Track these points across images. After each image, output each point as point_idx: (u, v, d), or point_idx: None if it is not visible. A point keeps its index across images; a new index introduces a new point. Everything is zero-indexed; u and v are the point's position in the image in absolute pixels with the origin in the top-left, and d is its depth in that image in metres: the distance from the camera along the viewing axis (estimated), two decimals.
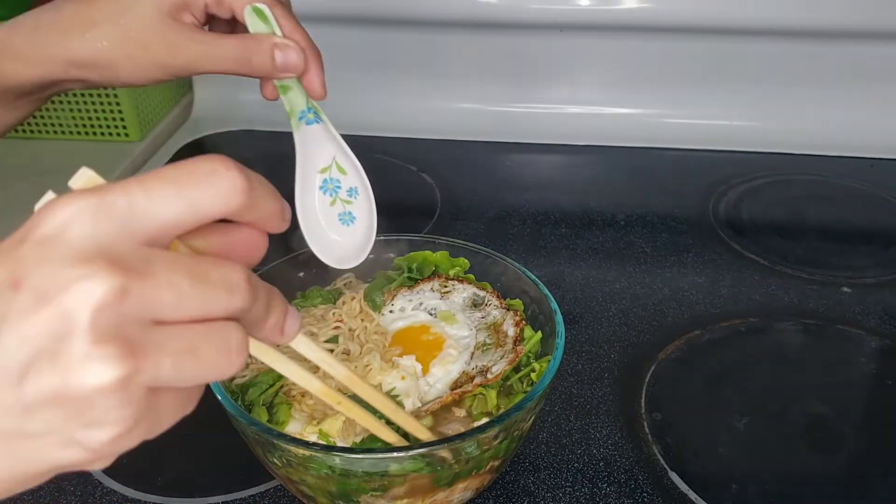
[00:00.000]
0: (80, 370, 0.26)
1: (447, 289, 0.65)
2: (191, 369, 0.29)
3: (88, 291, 0.26)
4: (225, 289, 0.30)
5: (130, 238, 0.28)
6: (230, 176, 0.30)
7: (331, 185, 0.56)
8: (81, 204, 0.27)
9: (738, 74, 1.09)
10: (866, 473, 0.64)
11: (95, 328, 0.26)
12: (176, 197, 0.29)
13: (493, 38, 1.10)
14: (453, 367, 0.59)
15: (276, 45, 0.51)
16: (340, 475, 0.50)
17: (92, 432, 0.28)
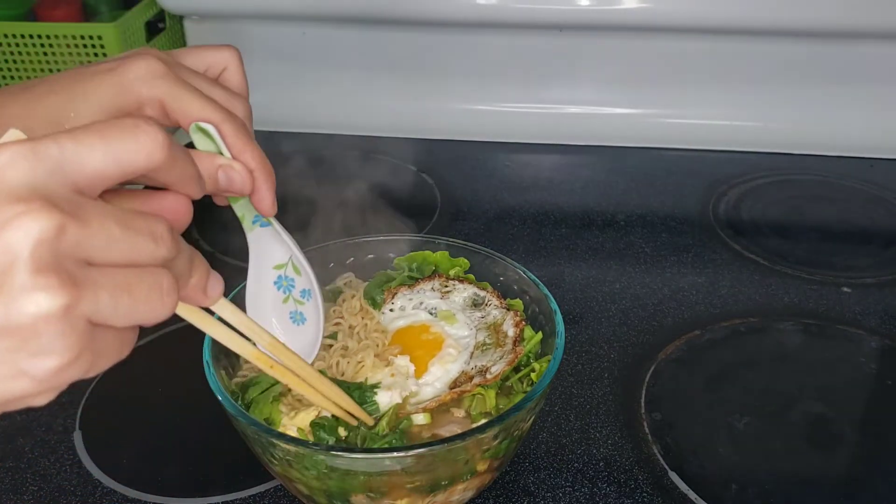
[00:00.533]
0: (23, 299, 0.28)
1: (448, 288, 0.65)
2: (126, 305, 0.31)
3: (28, 226, 0.28)
4: (150, 237, 0.32)
5: (63, 183, 0.30)
6: (152, 132, 0.32)
7: (286, 282, 0.56)
8: (15, 149, 0.29)
9: (738, 74, 1.09)
10: (866, 473, 0.64)
11: (36, 260, 0.28)
12: (102, 147, 0.31)
13: (493, 38, 1.10)
14: (452, 367, 0.59)
15: (220, 165, 0.48)
16: (339, 474, 0.50)
17: (38, 361, 0.29)
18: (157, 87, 0.48)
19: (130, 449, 0.65)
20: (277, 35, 1.13)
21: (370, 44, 1.12)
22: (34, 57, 1.03)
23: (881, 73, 1.07)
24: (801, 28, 1.03)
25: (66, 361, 0.29)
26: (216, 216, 0.96)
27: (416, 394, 0.57)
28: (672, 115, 1.13)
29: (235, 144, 0.49)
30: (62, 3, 1.09)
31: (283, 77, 1.14)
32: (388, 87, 1.15)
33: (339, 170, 1.10)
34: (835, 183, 1.04)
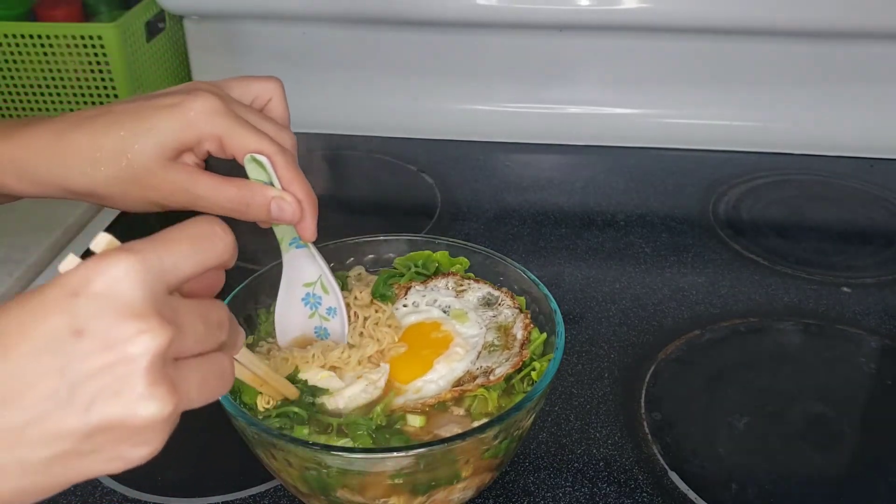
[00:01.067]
0: (140, 406, 0.32)
1: (463, 287, 0.65)
2: (204, 395, 0.36)
3: (147, 342, 0.32)
4: (219, 328, 0.37)
5: (164, 291, 0.34)
6: (227, 239, 0.37)
7: (313, 299, 0.60)
8: (126, 264, 0.33)
9: (738, 74, 1.09)
10: (866, 473, 0.64)
11: (151, 371, 0.32)
12: (192, 255, 0.35)
13: (493, 38, 1.10)
14: (458, 366, 0.59)
15: (273, 197, 0.52)
16: (338, 473, 0.50)
17: (136, 450, 0.34)
18: (217, 125, 0.51)
19: None
20: (277, 35, 1.13)
21: (370, 44, 1.12)
22: (34, 57, 1.03)
23: (881, 73, 1.07)
24: (801, 28, 1.03)
25: (156, 449, 0.34)
26: None
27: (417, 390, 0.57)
28: (672, 115, 1.13)
29: (285, 176, 0.52)
30: (62, 3, 1.09)
31: (283, 77, 1.13)
32: (388, 87, 1.15)
33: (339, 170, 1.11)
34: (835, 183, 1.04)
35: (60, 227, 0.92)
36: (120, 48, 1.02)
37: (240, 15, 1.11)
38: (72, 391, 0.32)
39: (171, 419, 0.34)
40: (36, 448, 0.32)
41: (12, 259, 0.87)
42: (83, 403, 0.32)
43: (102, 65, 1.03)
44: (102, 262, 0.33)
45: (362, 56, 1.13)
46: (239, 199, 0.52)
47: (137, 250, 0.34)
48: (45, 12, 1.08)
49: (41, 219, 0.93)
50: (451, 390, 0.57)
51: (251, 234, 0.56)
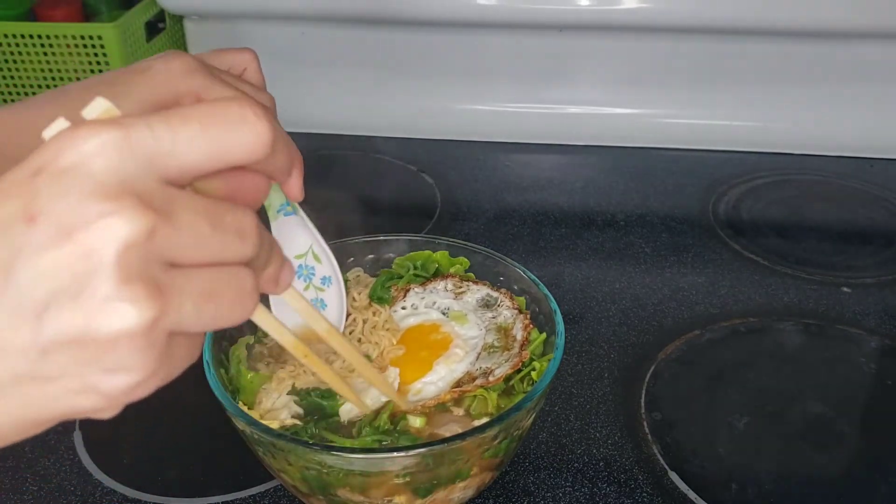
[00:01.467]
0: (105, 311, 0.25)
1: (461, 289, 0.65)
2: (210, 313, 0.28)
3: (116, 228, 0.25)
4: (238, 234, 0.29)
5: (154, 176, 0.27)
6: (260, 127, 0.29)
7: (305, 271, 0.58)
8: (105, 136, 0.26)
9: (738, 74, 1.09)
10: (866, 473, 0.64)
11: (122, 267, 0.25)
12: (201, 140, 0.28)
13: (493, 38, 1.10)
14: (458, 367, 0.59)
15: None
16: (338, 473, 0.50)
17: (111, 378, 0.27)
18: (194, 81, 0.49)
19: (130, 449, 0.65)
20: (277, 35, 1.13)
21: (370, 44, 1.12)
22: (34, 57, 1.03)
23: (881, 73, 1.07)
24: (801, 28, 1.03)
25: (140, 379, 0.27)
26: None
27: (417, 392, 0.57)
28: (672, 115, 1.13)
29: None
30: (62, 3, 1.09)
31: (283, 77, 1.13)
32: (388, 87, 1.15)
33: (339, 170, 1.11)
34: (835, 183, 1.04)
35: None
36: (120, 48, 1.02)
37: (240, 15, 1.11)
38: (20, 293, 0.25)
39: (155, 337, 0.26)
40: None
41: None
42: (34, 308, 0.25)
43: (102, 65, 1.03)
44: (77, 134, 0.26)
45: (362, 56, 1.13)
46: None
47: (125, 123, 0.27)
48: (45, 12, 1.08)
49: None
50: (450, 391, 0.57)
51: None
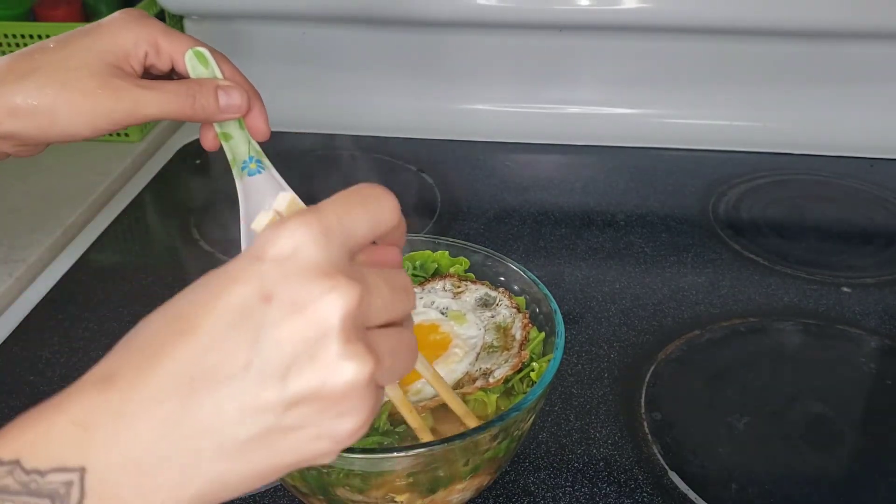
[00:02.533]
0: (337, 368, 0.30)
1: (460, 289, 0.65)
2: (398, 367, 0.34)
3: (337, 300, 0.30)
4: (406, 294, 0.35)
5: (346, 254, 0.33)
6: (391, 199, 0.35)
7: None
8: (308, 227, 0.31)
9: (738, 74, 1.09)
10: (866, 473, 0.64)
11: (345, 331, 0.30)
12: (366, 217, 0.34)
13: (493, 38, 1.10)
14: (457, 367, 0.59)
15: (218, 86, 0.52)
16: (338, 473, 0.50)
17: (341, 423, 0.31)
18: (151, 26, 0.52)
19: None
20: (277, 35, 1.13)
21: (370, 44, 1.12)
22: None
23: (881, 73, 1.07)
24: (801, 28, 1.03)
25: (362, 423, 0.32)
26: (216, 216, 0.96)
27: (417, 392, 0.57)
28: (672, 115, 1.13)
29: (227, 69, 0.53)
30: (62, 3, 1.09)
31: (283, 77, 1.14)
32: (388, 87, 1.15)
33: (339, 170, 1.11)
34: (835, 183, 1.04)
35: (60, 227, 0.92)
36: None
37: (240, 15, 1.11)
38: (266, 361, 0.30)
39: (372, 385, 0.32)
40: (234, 427, 0.30)
41: (12, 259, 0.87)
42: (279, 372, 0.30)
43: None
44: (285, 226, 0.31)
45: (362, 56, 1.13)
46: (185, 90, 0.51)
47: (318, 212, 0.32)
48: (45, 12, 1.08)
49: (41, 219, 0.93)
50: (466, 385, 0.57)
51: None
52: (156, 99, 0.50)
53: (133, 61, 0.52)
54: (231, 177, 0.55)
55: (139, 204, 1.00)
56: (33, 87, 0.49)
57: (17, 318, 0.80)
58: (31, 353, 0.76)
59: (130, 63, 0.51)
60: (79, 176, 1.02)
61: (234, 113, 0.52)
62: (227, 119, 0.53)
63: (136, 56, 0.51)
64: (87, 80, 0.49)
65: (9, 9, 1.06)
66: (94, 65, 0.50)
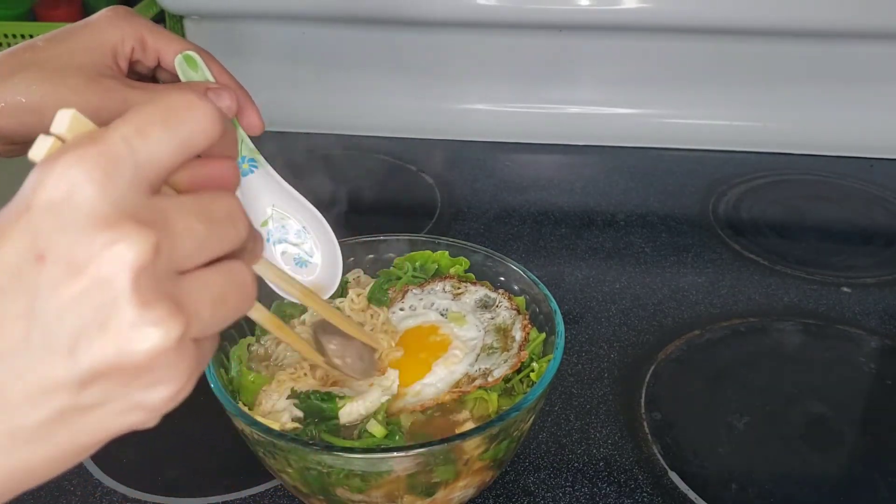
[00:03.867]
0: (134, 336, 0.26)
1: (460, 290, 0.65)
2: (223, 313, 0.30)
3: (122, 254, 0.26)
4: (231, 223, 0.30)
5: (138, 188, 0.27)
6: (206, 107, 0.30)
7: (276, 234, 0.56)
8: (84, 162, 0.26)
9: (738, 74, 1.09)
10: (866, 473, 0.64)
11: (138, 291, 0.26)
12: (168, 137, 0.28)
13: (493, 38, 1.10)
14: (457, 368, 0.59)
15: (209, 88, 0.50)
16: (338, 473, 0.50)
17: (153, 393, 0.28)
18: (138, 23, 0.51)
19: (130, 449, 0.65)
20: (277, 35, 1.13)
21: (370, 44, 1.12)
22: None
23: (881, 73, 1.07)
24: (801, 28, 1.03)
25: (178, 388, 0.29)
26: None
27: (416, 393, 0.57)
28: (672, 115, 1.13)
29: (215, 69, 0.52)
30: (62, 3, 1.09)
31: (283, 77, 1.14)
32: (388, 87, 1.15)
33: (339, 169, 1.11)
34: (835, 183, 1.04)
35: None
36: None
37: (240, 15, 1.11)
38: (47, 332, 0.26)
39: (186, 345, 0.28)
40: (24, 410, 0.26)
41: None
42: (65, 345, 0.26)
43: None
44: (57, 163, 0.26)
45: (362, 56, 1.13)
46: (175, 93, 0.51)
47: (98, 140, 0.27)
48: (45, 12, 1.08)
49: None
50: (449, 392, 0.57)
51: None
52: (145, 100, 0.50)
53: (119, 58, 0.51)
54: None
55: None
56: (22, 84, 0.48)
57: None
58: None
59: (117, 60, 0.51)
60: None
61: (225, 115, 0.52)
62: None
63: (123, 52, 0.51)
64: (76, 76, 0.49)
65: (9, 9, 1.06)
66: (82, 62, 0.49)
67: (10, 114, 0.48)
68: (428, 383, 0.58)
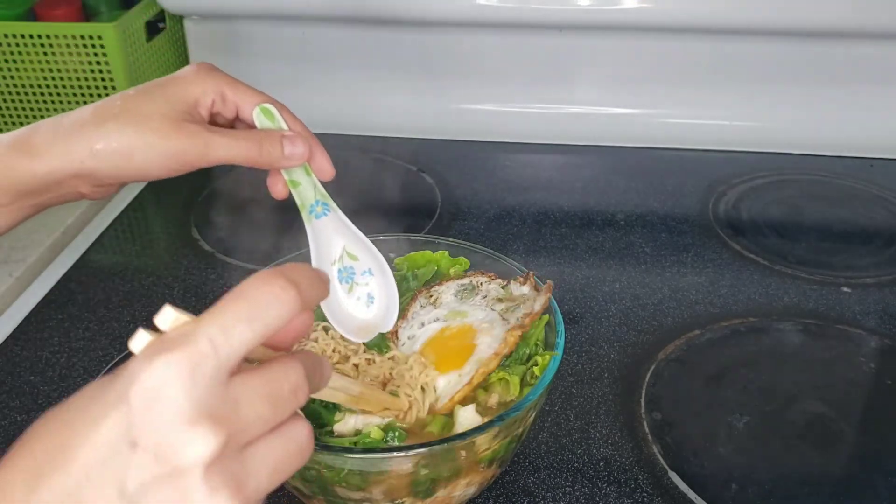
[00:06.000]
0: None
1: (433, 296, 0.65)
2: (279, 477, 0.34)
3: (198, 452, 0.31)
4: (294, 397, 0.35)
5: (219, 380, 0.32)
6: (287, 297, 0.34)
7: (345, 273, 0.60)
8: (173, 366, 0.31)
9: (738, 74, 1.09)
10: (866, 473, 0.64)
11: (208, 480, 0.31)
12: (251, 331, 0.33)
13: (494, 38, 1.10)
14: (497, 331, 0.59)
15: (283, 135, 0.55)
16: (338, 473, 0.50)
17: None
18: (219, 78, 0.56)
19: None
20: (277, 35, 1.13)
21: (370, 44, 1.12)
22: (34, 57, 1.03)
23: (881, 73, 1.07)
24: (801, 28, 1.03)
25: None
26: (216, 216, 0.96)
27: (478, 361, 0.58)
28: (672, 115, 1.13)
29: (288, 119, 0.57)
30: (62, 3, 1.09)
31: (283, 77, 1.14)
32: (388, 87, 1.15)
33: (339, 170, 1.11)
34: (835, 183, 1.04)
35: (60, 227, 0.92)
36: (120, 48, 1.02)
37: (240, 15, 1.11)
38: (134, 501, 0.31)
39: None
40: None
41: (12, 259, 0.87)
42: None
43: (102, 65, 1.03)
44: (153, 363, 0.31)
45: (362, 56, 1.13)
46: (254, 138, 0.55)
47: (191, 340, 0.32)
48: (45, 12, 1.08)
49: (41, 219, 0.92)
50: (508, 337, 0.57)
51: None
52: (226, 143, 0.54)
53: (202, 108, 0.55)
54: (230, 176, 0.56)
55: (139, 204, 1.00)
56: (114, 129, 0.53)
57: (18, 318, 0.80)
58: (31, 353, 0.76)
59: (199, 110, 0.55)
60: None
61: (298, 160, 0.56)
62: (291, 166, 0.57)
63: (205, 104, 0.55)
64: (163, 123, 0.53)
65: (9, 9, 1.06)
66: (169, 110, 0.53)
67: (103, 157, 0.53)
68: (483, 350, 0.58)
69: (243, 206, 0.96)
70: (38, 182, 0.54)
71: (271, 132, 0.56)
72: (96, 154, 0.53)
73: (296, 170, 0.58)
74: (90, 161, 0.53)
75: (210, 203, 0.99)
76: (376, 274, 0.60)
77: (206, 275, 0.86)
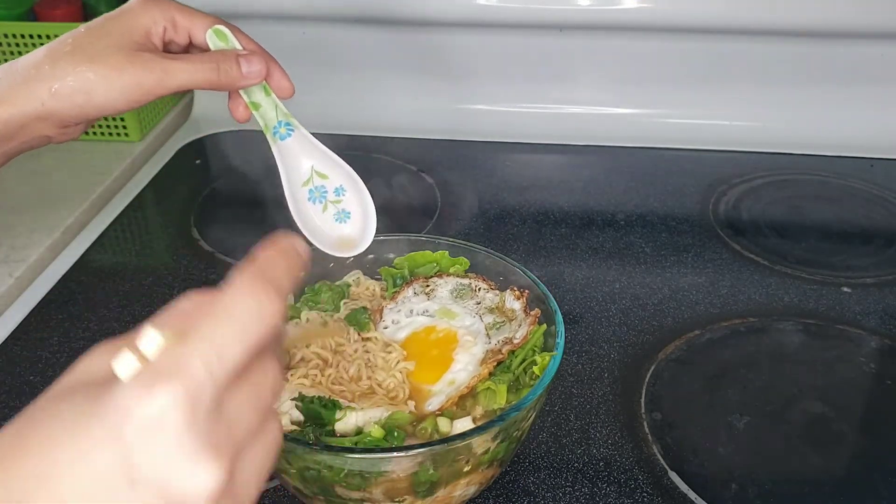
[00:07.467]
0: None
1: (429, 287, 0.65)
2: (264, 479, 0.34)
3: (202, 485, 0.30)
4: (274, 395, 0.34)
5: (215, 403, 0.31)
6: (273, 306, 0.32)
7: (317, 193, 0.59)
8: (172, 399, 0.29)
9: (738, 74, 1.09)
10: (866, 473, 0.64)
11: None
12: (242, 350, 0.32)
13: (494, 38, 1.10)
14: (476, 350, 0.59)
15: (239, 55, 0.56)
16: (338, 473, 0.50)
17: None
18: (167, 5, 0.56)
19: None
20: (277, 35, 1.12)
21: (370, 44, 1.12)
22: None
23: (881, 73, 1.07)
24: (801, 28, 1.03)
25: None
26: (216, 216, 0.96)
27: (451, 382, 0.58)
28: (672, 115, 1.13)
29: (242, 39, 0.58)
30: (62, 3, 1.09)
31: None
32: (388, 87, 1.15)
33: None
34: (835, 183, 1.04)
35: (60, 227, 0.92)
36: None
37: (240, 15, 1.11)
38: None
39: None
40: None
41: (12, 259, 0.87)
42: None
43: None
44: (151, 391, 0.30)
45: (362, 56, 1.13)
46: (209, 60, 0.55)
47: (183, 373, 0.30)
48: (45, 12, 1.08)
49: (41, 219, 0.93)
50: (485, 364, 0.57)
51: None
52: (183, 68, 0.55)
53: (154, 38, 0.56)
54: (230, 176, 0.56)
55: (139, 204, 1.00)
56: (69, 67, 0.53)
57: (18, 318, 0.80)
58: (31, 353, 0.76)
59: (152, 40, 0.56)
60: (79, 176, 1.02)
61: (256, 78, 0.57)
62: (250, 84, 0.57)
63: (157, 32, 0.56)
64: (117, 56, 0.54)
65: (9, 9, 1.06)
66: (121, 43, 0.54)
67: (63, 96, 0.54)
68: (458, 370, 0.58)
69: (243, 206, 0.96)
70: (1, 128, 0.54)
71: (227, 52, 0.56)
72: (56, 94, 0.53)
73: (255, 90, 0.58)
74: (50, 101, 0.54)
75: (210, 203, 0.99)
76: (349, 189, 0.59)
77: (206, 275, 0.86)
